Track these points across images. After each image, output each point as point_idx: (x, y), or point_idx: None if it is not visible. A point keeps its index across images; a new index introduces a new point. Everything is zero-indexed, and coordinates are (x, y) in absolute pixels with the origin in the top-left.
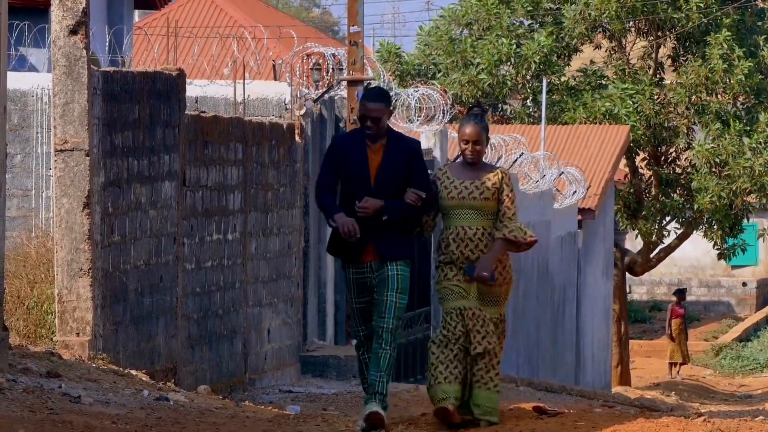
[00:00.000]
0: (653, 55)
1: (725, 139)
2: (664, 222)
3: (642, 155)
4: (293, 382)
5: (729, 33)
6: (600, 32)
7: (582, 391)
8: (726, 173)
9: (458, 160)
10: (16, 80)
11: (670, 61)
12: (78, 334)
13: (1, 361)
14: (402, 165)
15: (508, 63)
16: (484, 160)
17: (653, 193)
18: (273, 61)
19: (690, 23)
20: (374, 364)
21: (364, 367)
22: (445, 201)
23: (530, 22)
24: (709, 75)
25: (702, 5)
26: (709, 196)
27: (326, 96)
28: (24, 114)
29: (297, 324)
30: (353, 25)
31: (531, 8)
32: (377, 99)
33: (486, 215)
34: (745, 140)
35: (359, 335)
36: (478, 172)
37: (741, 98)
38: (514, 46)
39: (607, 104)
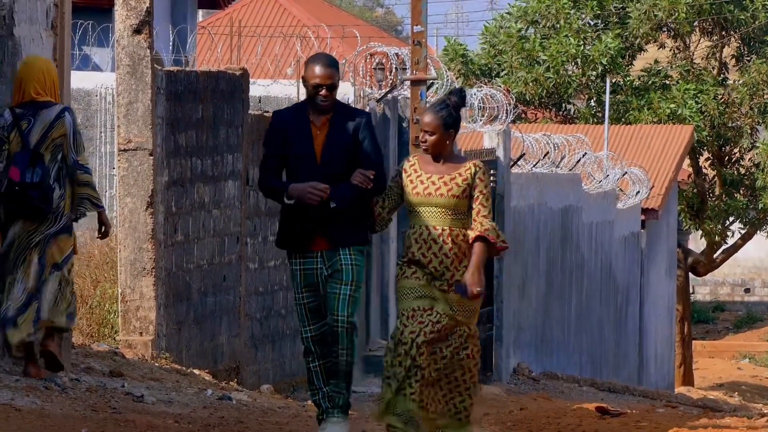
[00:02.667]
0: (717, 55)
1: None
2: (728, 222)
3: (705, 155)
4: (356, 382)
5: None
6: (664, 32)
7: (645, 391)
8: None
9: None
10: (79, 80)
11: (734, 60)
12: (141, 334)
13: (64, 361)
14: (350, 140)
15: (574, 63)
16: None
17: (717, 193)
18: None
19: (756, 22)
20: (331, 373)
21: (314, 376)
22: (410, 197)
23: (595, 21)
24: None
25: None
26: None
27: (389, 96)
28: (87, 113)
29: (360, 324)
30: (417, 25)
31: (598, 9)
32: (330, 64)
33: (455, 215)
34: None
35: (306, 338)
36: (449, 165)
37: None
38: (581, 47)
39: (671, 105)
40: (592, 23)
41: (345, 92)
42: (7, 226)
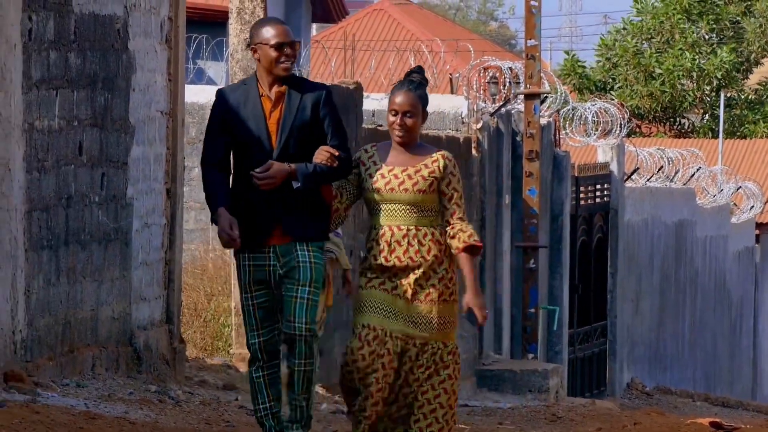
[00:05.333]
0: None
1: None
2: None
3: None
4: (469, 395)
5: None
6: None
7: (759, 406)
8: None
9: (387, 141)
10: (194, 93)
11: None
12: None
13: (178, 374)
14: (308, 116)
15: (689, 77)
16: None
17: None
18: (450, 74)
19: None
20: (291, 385)
21: (258, 389)
22: (370, 193)
23: (710, 36)
24: None
25: None
26: None
27: (503, 110)
28: (202, 127)
29: (473, 337)
30: (530, 39)
31: (713, 23)
32: (283, 23)
33: (421, 212)
34: None
35: (253, 344)
36: (414, 156)
37: None
38: (696, 61)
39: None
40: (706, 37)
41: (458, 106)
42: None
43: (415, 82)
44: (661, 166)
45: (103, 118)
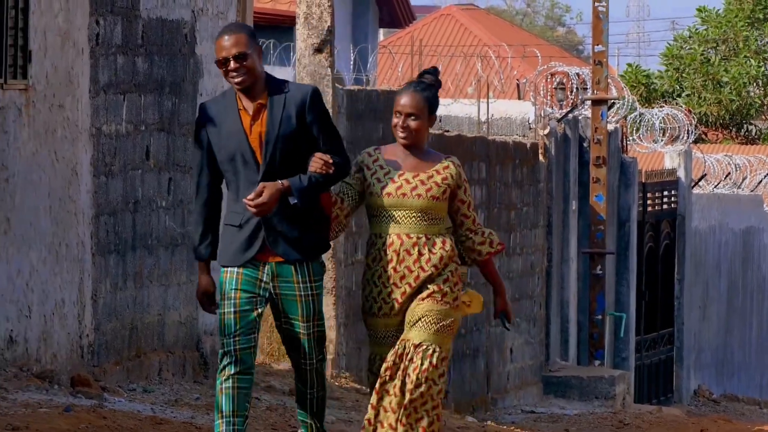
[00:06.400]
0: None
1: None
2: None
3: None
4: (535, 402)
5: None
6: None
7: None
8: None
9: (391, 144)
10: None
11: None
12: None
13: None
14: (294, 124)
15: (755, 84)
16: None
17: None
18: (517, 80)
19: None
20: (302, 405)
21: (225, 400)
22: (377, 198)
23: None
24: None
25: None
26: None
27: (570, 115)
28: None
29: (539, 344)
30: (598, 45)
31: None
32: (235, 30)
33: (432, 220)
34: None
35: (231, 351)
36: (423, 161)
37: None
38: (762, 68)
39: None
40: None
41: (525, 111)
42: None
43: (424, 83)
44: (729, 173)
45: (170, 123)
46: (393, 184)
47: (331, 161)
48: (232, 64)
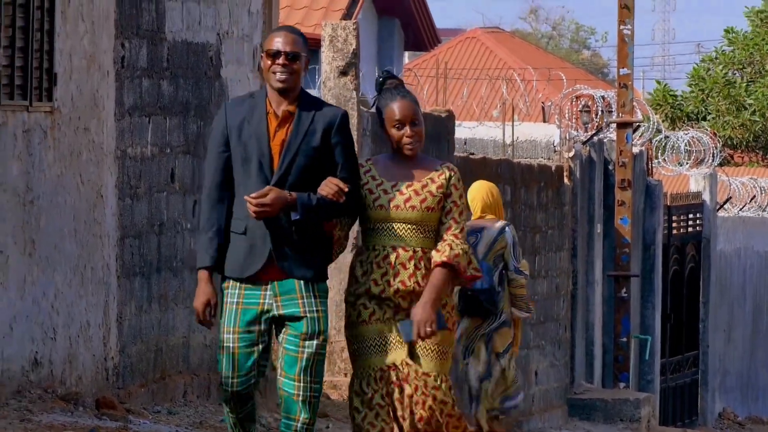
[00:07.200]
0: None
1: None
2: None
3: None
4: (560, 424)
5: None
6: None
7: None
8: None
9: (382, 155)
10: None
11: None
12: (346, 375)
13: (269, 401)
14: (317, 141)
15: None
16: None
17: None
18: (542, 103)
19: None
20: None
21: (233, 428)
22: (370, 211)
23: None
24: None
25: None
26: None
27: (595, 138)
28: None
29: (564, 366)
30: (623, 68)
31: None
32: (293, 31)
33: (427, 232)
34: None
35: (226, 390)
36: (418, 170)
37: None
38: None
39: None
40: None
41: (550, 134)
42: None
43: (400, 87)
44: (754, 196)
45: (195, 146)
46: (385, 196)
47: (345, 189)
48: (282, 59)
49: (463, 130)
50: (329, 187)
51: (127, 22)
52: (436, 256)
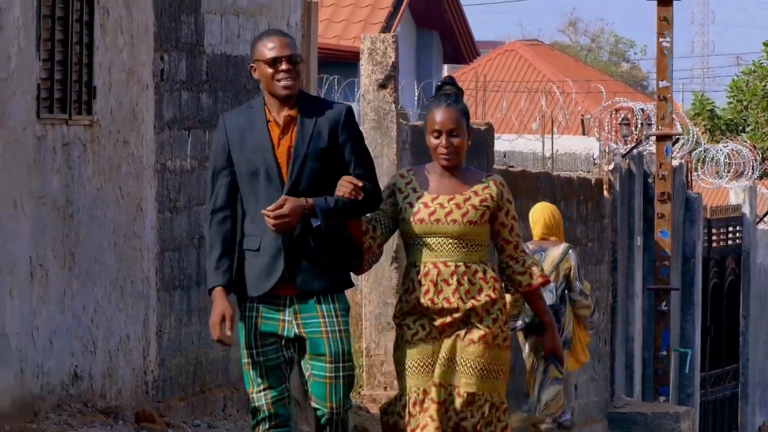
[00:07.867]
0: None
1: None
2: None
3: None
4: None
5: None
6: None
7: None
8: None
9: (427, 164)
10: None
11: None
12: (386, 388)
13: (309, 415)
14: (325, 143)
15: None
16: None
17: None
18: (581, 115)
19: None
20: None
21: None
22: (410, 225)
23: None
24: None
25: None
26: None
27: (635, 151)
28: None
29: (604, 380)
30: (662, 80)
31: None
32: (283, 33)
33: (469, 246)
34: None
35: (260, 406)
36: (460, 182)
37: None
38: None
39: None
40: None
41: (590, 147)
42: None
43: (452, 96)
44: None
45: None
46: (426, 209)
47: (360, 185)
48: (284, 65)
49: (502, 143)
50: (345, 186)
51: (166, 35)
52: (526, 279)
